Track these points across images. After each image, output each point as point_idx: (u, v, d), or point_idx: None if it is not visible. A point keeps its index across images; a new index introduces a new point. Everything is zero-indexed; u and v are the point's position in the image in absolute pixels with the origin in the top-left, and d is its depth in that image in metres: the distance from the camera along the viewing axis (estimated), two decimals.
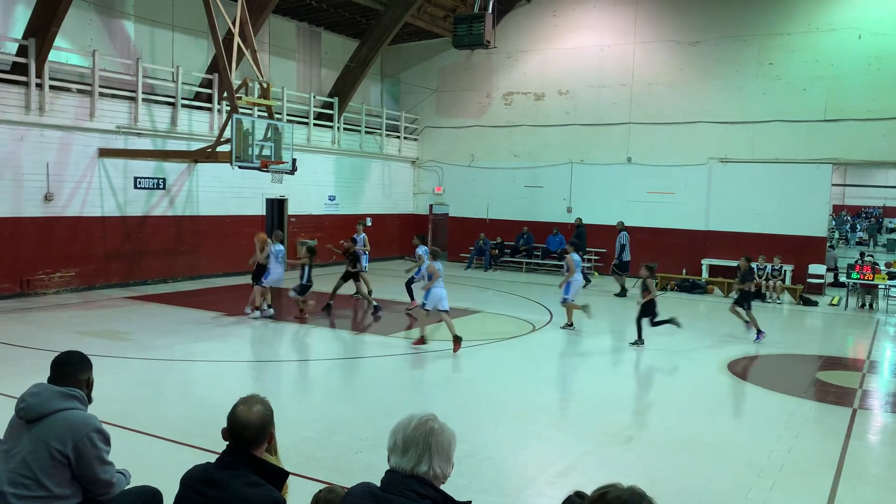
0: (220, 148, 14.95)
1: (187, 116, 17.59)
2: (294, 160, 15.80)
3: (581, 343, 12.68)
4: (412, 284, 14.70)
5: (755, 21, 19.88)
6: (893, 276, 17.34)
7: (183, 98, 17.45)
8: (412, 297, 14.73)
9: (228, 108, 15.62)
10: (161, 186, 17.12)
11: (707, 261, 20.31)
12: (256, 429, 3.04)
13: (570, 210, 22.52)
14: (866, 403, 9.21)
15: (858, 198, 46.52)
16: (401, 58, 25.65)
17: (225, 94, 16.25)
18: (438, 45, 24.47)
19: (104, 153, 15.75)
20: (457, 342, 10.96)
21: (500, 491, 5.95)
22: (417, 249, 14.31)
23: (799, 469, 6.68)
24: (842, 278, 19.76)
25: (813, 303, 17.86)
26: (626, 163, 21.82)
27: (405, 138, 25.19)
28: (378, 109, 24.55)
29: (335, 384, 9.84)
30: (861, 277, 17.30)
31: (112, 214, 16.14)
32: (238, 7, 15.29)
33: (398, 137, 24.89)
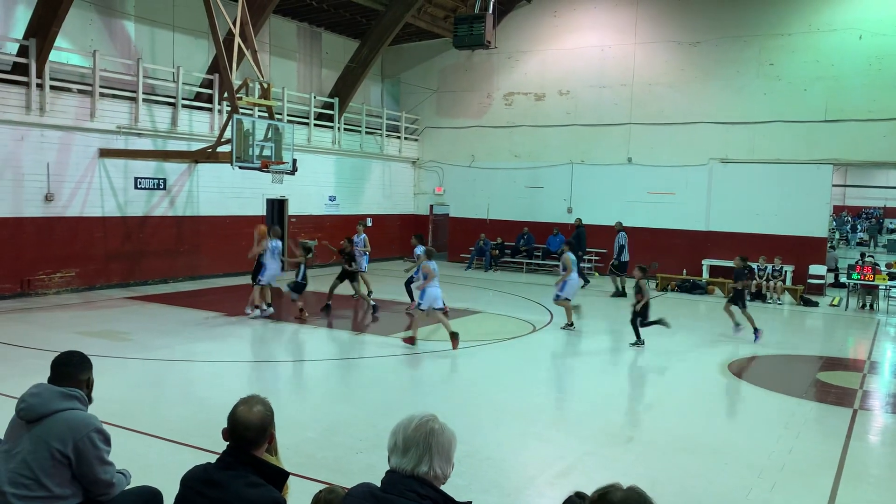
0: (221, 148, 14.95)
1: (188, 117, 17.60)
2: (294, 160, 15.80)
3: (581, 343, 12.68)
4: (412, 284, 14.70)
5: (756, 21, 19.89)
6: (894, 277, 17.33)
7: (183, 98, 17.45)
8: (412, 298, 14.69)
9: (229, 109, 15.62)
10: (161, 187, 17.13)
11: (707, 261, 20.30)
12: (257, 429, 3.05)
13: (571, 210, 22.52)
14: (867, 404, 9.21)
15: (859, 198, 46.55)
16: (401, 58, 25.66)
17: (225, 95, 16.25)
18: (439, 46, 24.48)
19: (105, 153, 15.76)
20: (454, 339, 11.08)
21: (501, 491, 5.95)
22: (416, 249, 14.33)
23: (799, 470, 6.68)
24: (842, 279, 19.75)
25: (813, 303, 17.86)
26: (627, 163, 21.83)
27: (406, 139, 25.19)
28: (378, 110, 24.56)
29: (335, 384, 9.84)
30: (861, 278, 17.30)
31: (112, 215, 16.15)
32: (239, 7, 15.30)
33: (398, 138, 24.89)
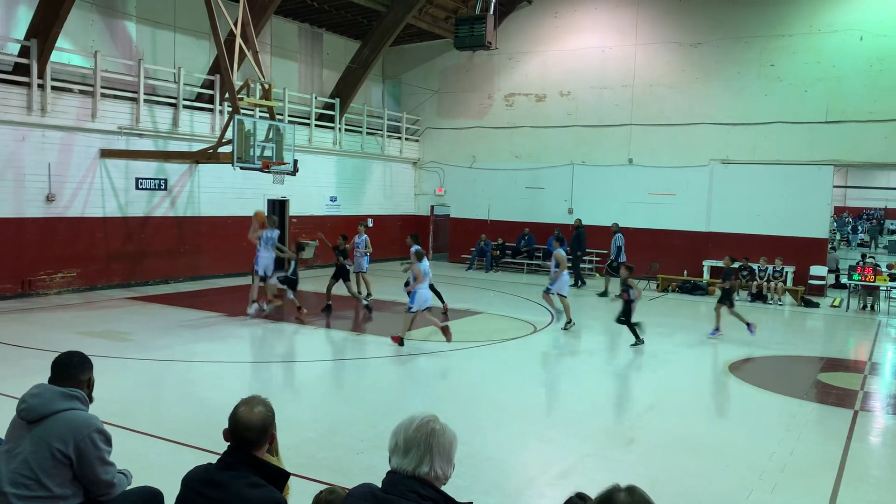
0: (222, 149, 14.95)
1: (189, 117, 17.61)
2: (295, 161, 15.81)
3: (581, 344, 12.68)
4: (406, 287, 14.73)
5: (757, 22, 19.88)
6: (895, 278, 17.32)
7: (184, 99, 17.46)
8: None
9: (230, 109, 15.63)
10: (162, 187, 17.14)
11: (708, 262, 20.28)
12: (258, 430, 3.05)
13: (572, 211, 22.51)
14: (868, 405, 9.20)
15: (860, 199, 46.57)
16: (402, 59, 25.67)
17: (226, 95, 16.26)
18: (440, 47, 24.49)
19: (106, 154, 15.77)
20: (446, 332, 11.27)
21: (501, 492, 5.96)
22: (412, 249, 14.31)
23: (800, 471, 6.68)
24: (843, 280, 19.74)
25: (814, 304, 17.85)
26: (628, 164, 21.82)
27: (406, 139, 25.20)
28: (379, 110, 24.57)
29: (336, 385, 9.84)
30: (862, 279, 17.28)
31: (113, 215, 16.16)
32: (240, 8, 15.31)
33: (399, 138, 24.90)
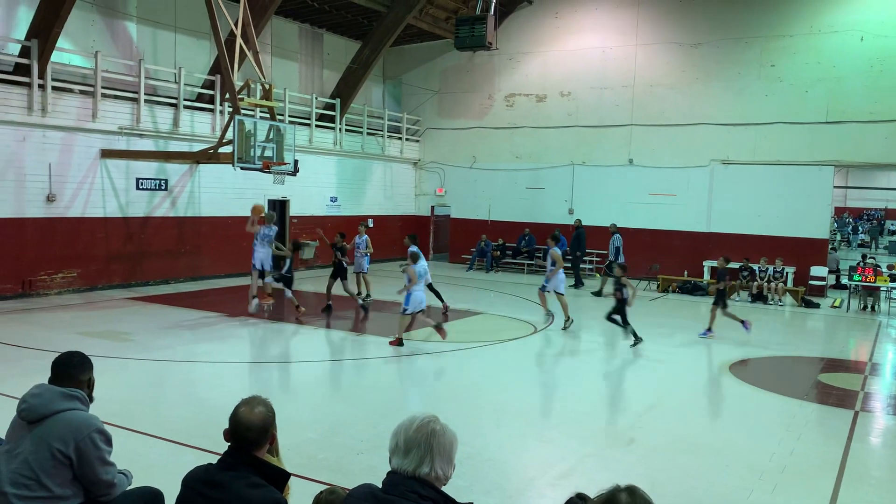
0: (222, 149, 14.95)
1: (189, 117, 17.61)
2: (296, 161, 15.81)
3: (581, 344, 12.69)
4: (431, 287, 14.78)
5: (757, 23, 19.88)
6: (895, 279, 17.32)
7: (185, 99, 17.47)
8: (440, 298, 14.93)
9: (230, 110, 15.62)
10: (163, 187, 17.15)
11: (709, 262, 20.24)
12: (258, 430, 3.05)
13: (572, 212, 22.51)
14: (868, 406, 9.20)
15: (860, 200, 46.58)
16: (403, 59, 25.67)
17: (227, 96, 16.25)
18: (440, 47, 24.49)
19: (106, 154, 15.77)
20: (440, 330, 11.40)
21: (502, 493, 5.95)
22: (410, 249, 14.29)
23: (800, 471, 6.68)
24: (844, 280, 19.74)
25: (815, 305, 17.85)
26: (628, 164, 21.81)
27: (407, 140, 25.20)
28: (380, 111, 24.57)
29: (336, 385, 9.85)
30: (863, 280, 17.28)
31: (114, 215, 16.17)
32: (240, 8, 15.31)
33: (400, 139, 24.90)
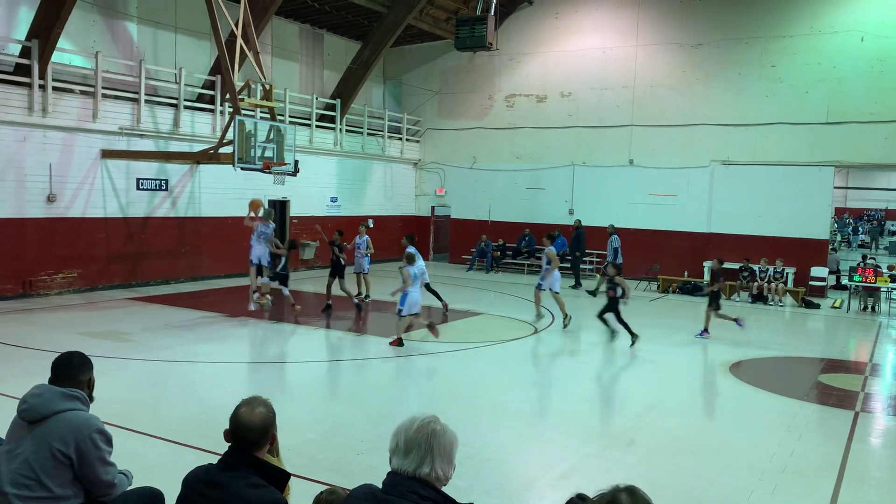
0: (223, 149, 14.95)
1: (190, 118, 17.62)
2: (296, 162, 15.81)
3: (581, 345, 12.68)
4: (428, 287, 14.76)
5: (757, 23, 19.88)
6: (895, 279, 17.32)
7: (185, 99, 17.48)
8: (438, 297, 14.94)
9: (231, 110, 15.63)
10: (163, 188, 17.15)
11: (709, 263, 20.21)
12: (259, 430, 3.05)
13: (572, 212, 22.51)
14: (868, 406, 9.20)
15: (861, 200, 46.62)
16: (403, 60, 25.68)
17: (227, 96, 16.26)
18: (441, 48, 24.50)
19: (107, 154, 15.78)
20: (432, 329, 11.52)
21: (502, 493, 5.95)
22: (407, 249, 14.29)
23: (801, 472, 6.67)
24: (844, 281, 19.74)
25: (815, 305, 17.84)
26: (628, 165, 21.82)
27: (407, 140, 25.21)
28: (380, 111, 24.58)
29: (336, 385, 9.85)
30: (863, 280, 17.28)
31: (114, 216, 16.17)
32: (241, 9, 15.31)
33: (400, 139, 24.91)
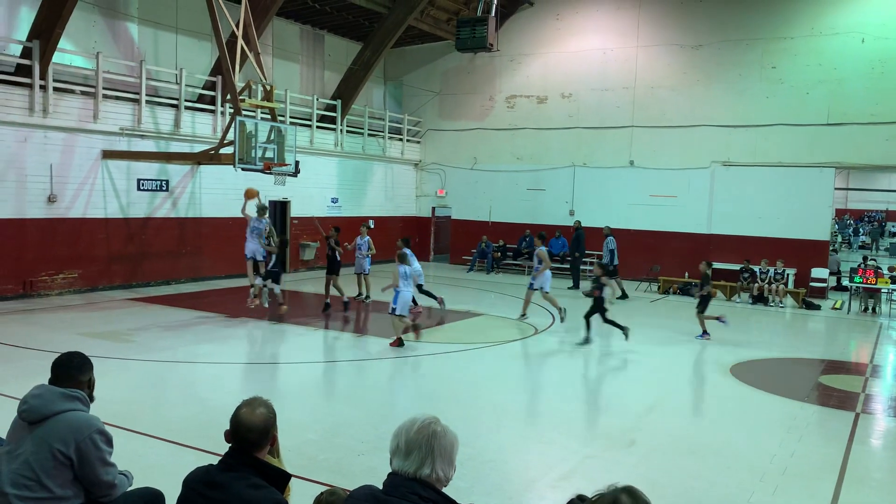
0: (224, 150, 14.96)
1: (190, 118, 17.63)
2: (297, 162, 15.81)
3: (581, 346, 12.67)
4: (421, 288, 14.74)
5: (758, 25, 19.88)
6: None
7: (186, 100, 17.48)
8: (415, 303, 14.74)
9: (232, 111, 15.64)
10: (164, 188, 17.16)
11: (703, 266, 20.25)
12: (260, 431, 3.05)
13: (573, 213, 22.51)
14: (869, 408, 9.19)
15: (861, 201, 46.61)
16: (404, 61, 25.69)
17: (228, 97, 16.27)
18: (441, 48, 24.50)
19: (107, 155, 15.78)
20: (416, 330, 11.65)
21: (503, 494, 5.95)
22: (401, 249, 14.28)
23: (801, 473, 6.67)
24: (844, 282, 19.73)
25: (816, 306, 17.84)
26: (629, 166, 21.82)
27: (408, 141, 25.21)
28: (381, 112, 24.58)
29: (337, 386, 9.85)
30: (864, 281, 17.27)
31: (115, 216, 16.18)
32: (242, 10, 15.31)
33: (401, 140, 24.92)
